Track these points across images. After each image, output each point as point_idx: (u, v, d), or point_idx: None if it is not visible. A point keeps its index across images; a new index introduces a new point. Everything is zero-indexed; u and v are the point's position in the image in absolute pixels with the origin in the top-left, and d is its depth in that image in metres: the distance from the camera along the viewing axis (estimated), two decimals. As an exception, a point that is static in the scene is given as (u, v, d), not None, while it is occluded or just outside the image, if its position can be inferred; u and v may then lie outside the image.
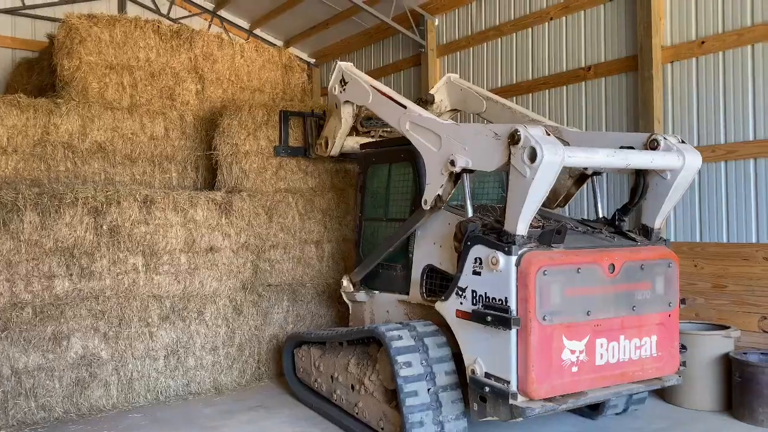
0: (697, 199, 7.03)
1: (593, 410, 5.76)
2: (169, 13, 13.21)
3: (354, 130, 7.19)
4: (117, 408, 6.34)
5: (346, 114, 6.79)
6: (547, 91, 8.73)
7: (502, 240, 4.39)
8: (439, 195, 5.09)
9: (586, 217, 6.14)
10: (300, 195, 7.89)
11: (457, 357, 4.92)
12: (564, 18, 8.48)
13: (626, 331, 4.64)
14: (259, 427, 5.83)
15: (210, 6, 13.70)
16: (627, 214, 5.22)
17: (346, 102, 6.68)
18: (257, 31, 14.04)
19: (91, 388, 6.23)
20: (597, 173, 5.70)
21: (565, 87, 8.49)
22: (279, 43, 14.08)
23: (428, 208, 5.21)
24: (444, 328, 5.04)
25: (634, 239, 5.06)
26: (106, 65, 7.77)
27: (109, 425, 5.93)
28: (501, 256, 4.34)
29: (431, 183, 5.16)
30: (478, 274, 4.56)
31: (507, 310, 4.28)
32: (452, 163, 4.85)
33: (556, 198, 5.97)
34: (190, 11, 13.62)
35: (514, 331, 4.26)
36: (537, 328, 4.23)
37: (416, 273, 5.58)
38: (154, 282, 6.67)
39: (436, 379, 4.86)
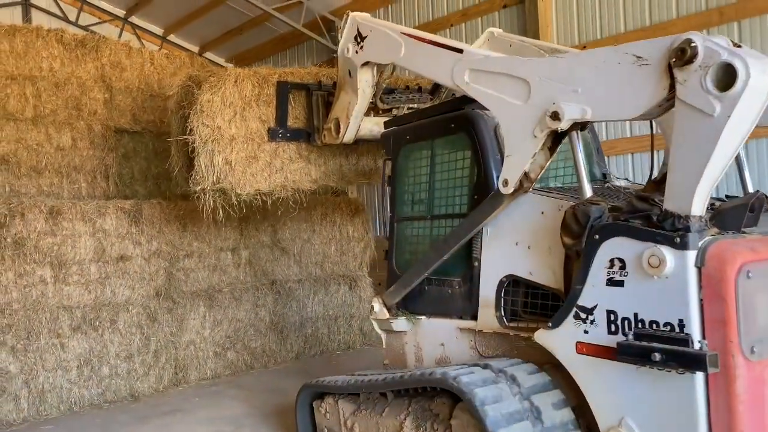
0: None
1: None
2: (77, 20, 12.98)
3: (371, 110, 5.69)
4: (28, 421, 6.29)
5: (364, 83, 5.15)
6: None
7: (665, 226, 2.87)
8: (525, 172, 3.55)
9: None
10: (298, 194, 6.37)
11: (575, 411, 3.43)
12: (463, 24, 8.97)
13: None
14: (174, 430, 5.92)
15: (121, 12, 13.53)
16: None
17: (365, 65, 5.04)
18: (171, 38, 13.97)
19: (0, 402, 6.17)
20: None
21: (467, 90, 8.87)
22: (194, 48, 14.06)
23: (511, 191, 3.65)
24: (554, 370, 3.49)
25: None
26: (6, 76, 7.68)
27: (20, 438, 5.92)
28: (668, 253, 2.82)
29: (514, 154, 3.60)
30: (619, 284, 3.03)
31: (686, 341, 2.76)
32: (555, 116, 3.27)
33: None
34: (100, 18, 13.41)
35: (700, 375, 2.76)
36: (743, 369, 2.70)
37: (487, 288, 4.03)
38: (64, 293, 6.64)
39: None
